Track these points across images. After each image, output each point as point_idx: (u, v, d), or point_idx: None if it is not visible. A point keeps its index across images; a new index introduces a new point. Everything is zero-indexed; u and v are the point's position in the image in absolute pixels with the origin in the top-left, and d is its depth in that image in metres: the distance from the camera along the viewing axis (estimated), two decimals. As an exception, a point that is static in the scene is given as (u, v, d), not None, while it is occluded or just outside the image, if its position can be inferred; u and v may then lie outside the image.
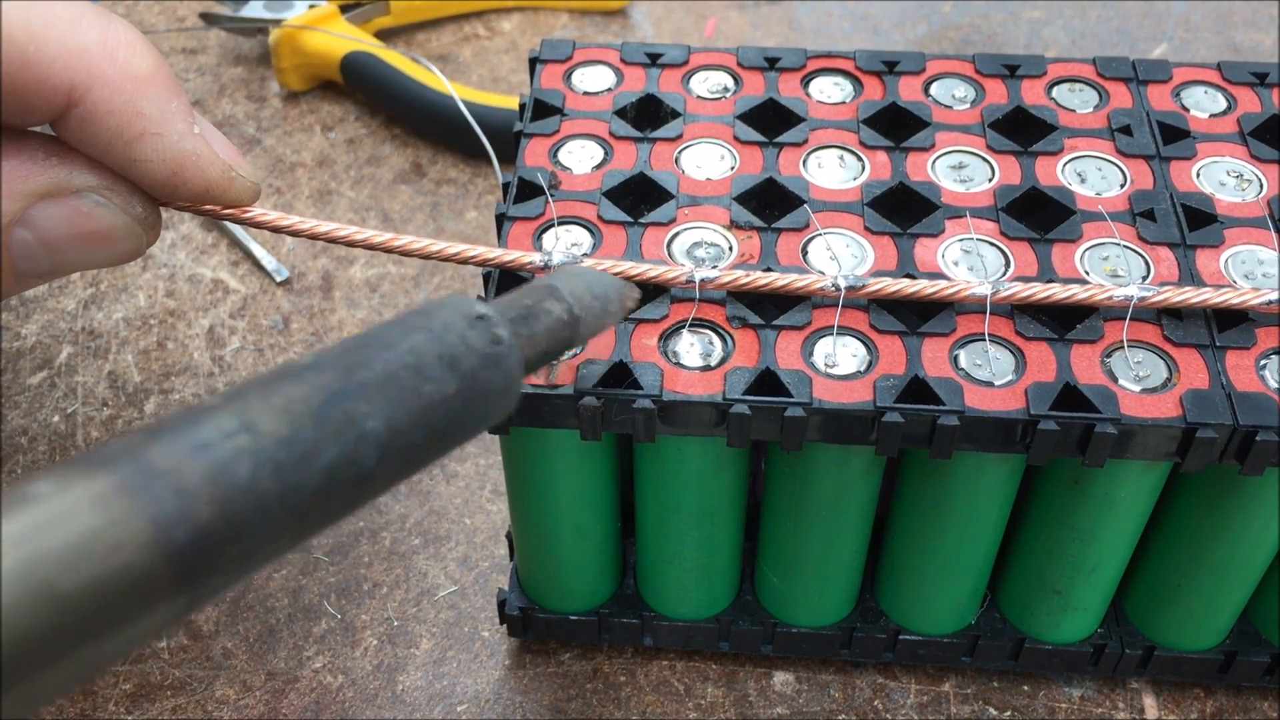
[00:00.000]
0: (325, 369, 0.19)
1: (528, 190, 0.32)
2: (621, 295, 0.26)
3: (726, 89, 0.35)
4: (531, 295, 0.24)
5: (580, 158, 0.33)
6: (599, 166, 0.32)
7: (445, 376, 0.20)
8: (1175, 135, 0.33)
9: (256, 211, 0.27)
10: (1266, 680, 0.34)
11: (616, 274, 0.28)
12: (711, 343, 0.28)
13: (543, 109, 0.34)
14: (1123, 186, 0.32)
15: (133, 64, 0.24)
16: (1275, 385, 0.27)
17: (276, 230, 0.28)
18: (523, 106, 0.34)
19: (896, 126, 0.34)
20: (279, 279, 0.46)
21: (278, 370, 0.19)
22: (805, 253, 0.30)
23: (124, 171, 0.25)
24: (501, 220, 0.31)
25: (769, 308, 0.29)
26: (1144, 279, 0.29)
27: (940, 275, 0.29)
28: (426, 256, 0.28)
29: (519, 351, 0.22)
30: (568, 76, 0.35)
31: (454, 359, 0.21)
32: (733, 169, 0.32)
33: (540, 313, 0.23)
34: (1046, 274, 0.29)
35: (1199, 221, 0.31)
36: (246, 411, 0.17)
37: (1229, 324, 0.28)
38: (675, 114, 0.34)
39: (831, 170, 0.32)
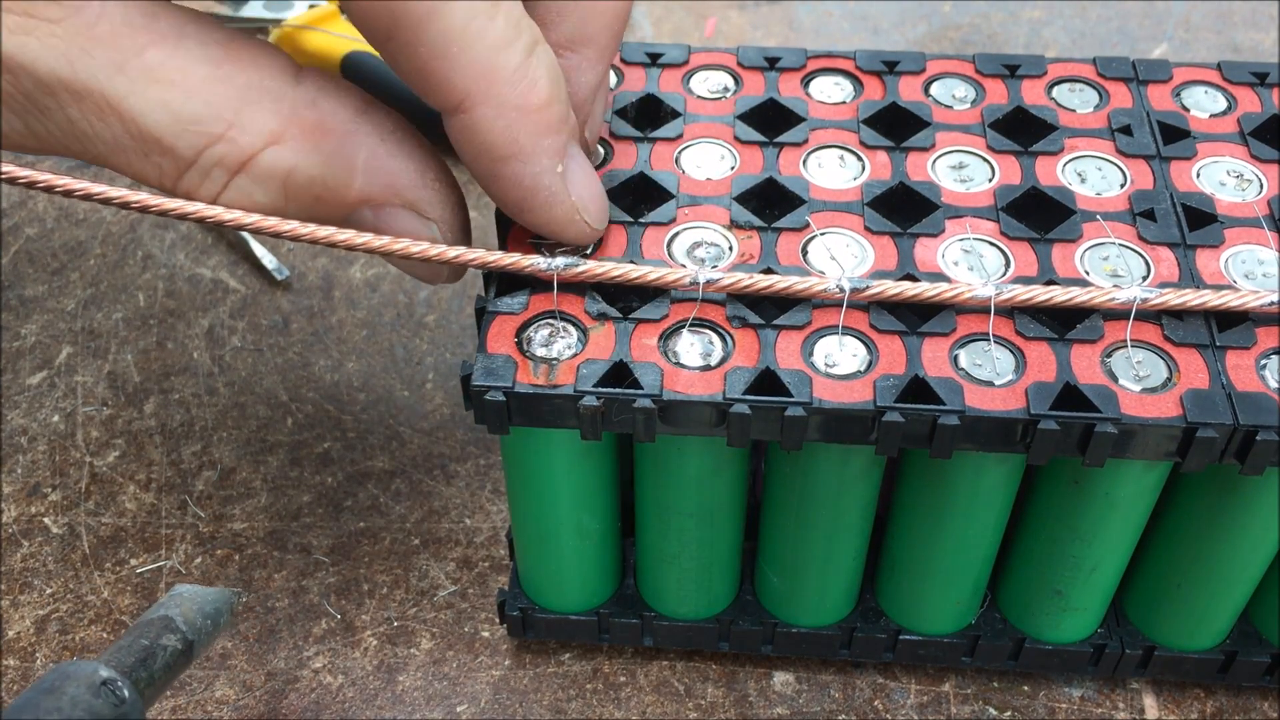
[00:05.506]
0: None
1: (528, 190, 0.32)
2: (230, 605, 0.29)
3: (726, 89, 0.35)
4: (149, 633, 0.26)
5: (580, 158, 0.32)
6: (599, 166, 0.32)
7: None
8: (1175, 135, 0.33)
9: (255, 217, 0.27)
10: (1266, 680, 0.34)
11: (617, 277, 0.28)
12: (711, 342, 0.28)
13: (543, 109, 0.34)
14: (1123, 186, 0.32)
15: (528, 98, 0.26)
16: (1275, 385, 0.27)
17: (276, 236, 0.28)
18: (523, 106, 0.34)
19: (896, 126, 0.34)
20: (279, 278, 0.46)
21: None
22: (805, 252, 0.30)
23: (482, 183, 0.27)
24: (502, 220, 0.31)
25: (769, 307, 0.29)
26: (1144, 279, 0.29)
27: (940, 275, 0.29)
28: (426, 259, 0.28)
29: (141, 702, 0.25)
30: (568, 76, 0.35)
31: None
32: (733, 169, 0.32)
33: (158, 650, 0.26)
34: (1046, 274, 0.29)
35: (1199, 221, 0.31)
36: None
37: (1229, 324, 0.28)
38: (675, 114, 0.34)
39: (831, 170, 0.32)
